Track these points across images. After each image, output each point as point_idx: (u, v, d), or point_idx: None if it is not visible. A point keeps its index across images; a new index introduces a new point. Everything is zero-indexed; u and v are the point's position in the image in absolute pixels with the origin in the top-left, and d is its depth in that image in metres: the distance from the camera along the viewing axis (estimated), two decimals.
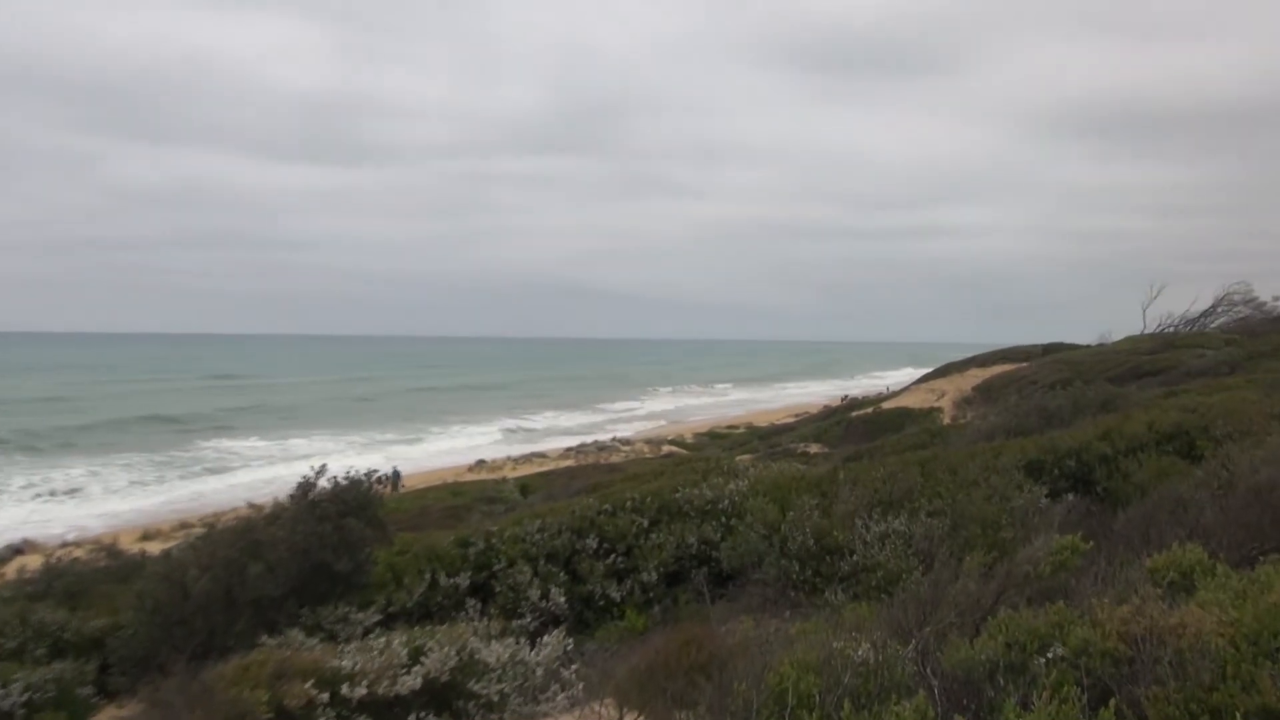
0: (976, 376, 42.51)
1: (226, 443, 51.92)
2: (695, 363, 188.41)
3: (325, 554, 9.94)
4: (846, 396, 67.59)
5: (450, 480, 33.42)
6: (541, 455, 44.65)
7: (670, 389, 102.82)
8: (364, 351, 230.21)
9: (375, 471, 11.33)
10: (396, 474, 32.87)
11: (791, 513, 10.75)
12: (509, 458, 43.77)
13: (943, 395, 39.44)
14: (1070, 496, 10.86)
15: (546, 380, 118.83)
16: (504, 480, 29.83)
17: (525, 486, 26.85)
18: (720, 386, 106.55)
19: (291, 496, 10.61)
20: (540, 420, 68.39)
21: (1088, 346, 47.33)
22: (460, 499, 24.37)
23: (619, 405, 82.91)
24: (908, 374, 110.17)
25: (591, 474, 26.57)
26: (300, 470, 11.14)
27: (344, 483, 10.61)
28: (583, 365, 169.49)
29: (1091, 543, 6.51)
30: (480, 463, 42.41)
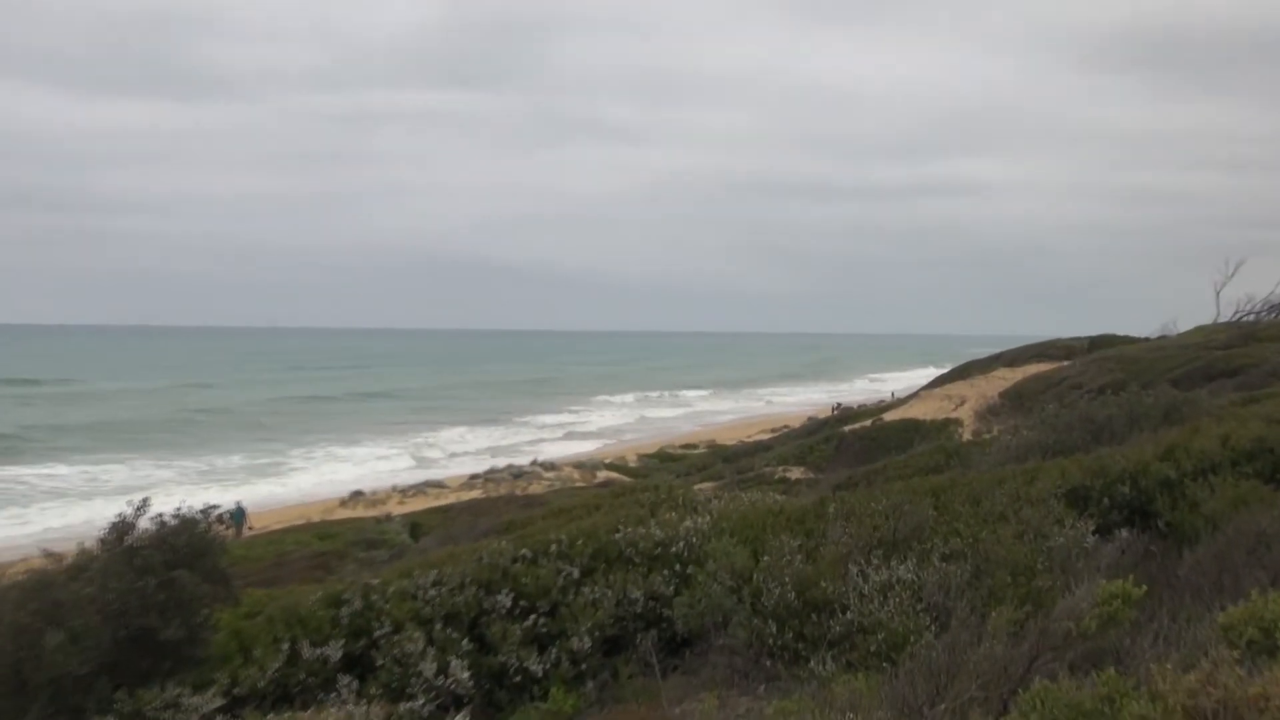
0: (1004, 379, 43.27)
1: (15, 470, 50.98)
2: (650, 362, 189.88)
3: (148, 617, 9.75)
4: (839, 406, 69.39)
5: (318, 519, 33.15)
6: (439, 485, 44.55)
7: (617, 397, 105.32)
8: (210, 349, 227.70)
9: (216, 508, 11.13)
10: (241, 511, 32.68)
11: (766, 557, 10.78)
12: (396, 488, 43.60)
13: (961, 403, 40.20)
14: (1123, 532, 10.98)
15: (455, 386, 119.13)
16: (388, 518, 29.70)
17: (417, 526, 26.73)
18: (683, 394, 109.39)
19: (102, 542, 10.33)
20: (442, 439, 68.39)
21: (1145, 340, 48.50)
22: (330, 543, 24.17)
23: (547, 419, 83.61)
24: (917, 376, 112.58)
25: (505, 509, 26.53)
26: (115, 508, 10.92)
27: (173, 523, 10.40)
28: (506, 366, 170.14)
29: (1150, 591, 6.58)
30: (357, 495, 42.16)
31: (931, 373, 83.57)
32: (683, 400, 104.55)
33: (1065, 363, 43.88)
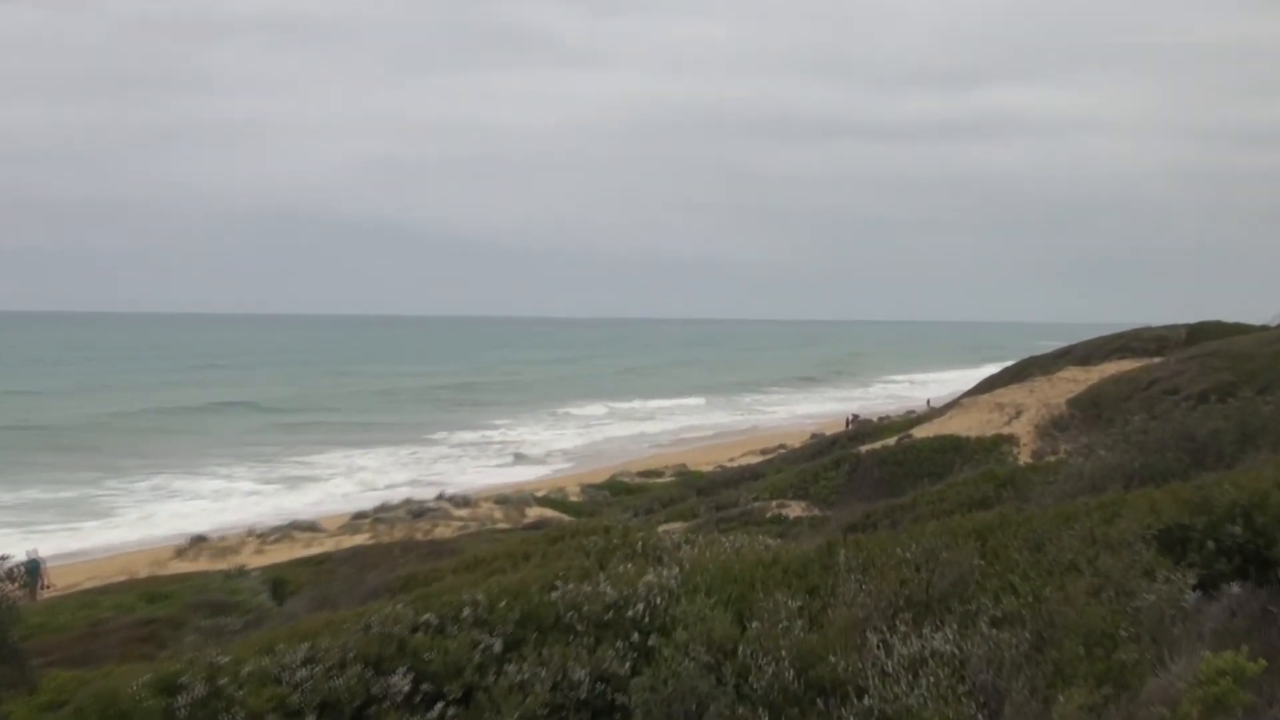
0: (1074, 381, 43.49)
1: None
2: (615, 359, 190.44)
3: None
4: (855, 417, 70.33)
5: (146, 574, 32.88)
6: (312, 527, 44.33)
7: (573, 407, 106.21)
8: (11, 341, 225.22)
9: (3, 559, 11.03)
10: (36, 564, 32.31)
11: (756, 623, 10.75)
12: (253, 532, 43.36)
13: (1017, 414, 40.44)
14: (1234, 587, 10.81)
15: (342, 394, 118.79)
16: (242, 572, 29.45)
17: (281, 582, 26.53)
18: (655, 404, 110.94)
19: None
20: (319, 464, 68.15)
21: (1261, 329, 48.73)
22: (162, 606, 23.99)
23: (468, 436, 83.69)
24: (959, 378, 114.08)
25: (402, 559, 26.47)
26: None
27: None
28: (408, 366, 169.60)
29: (1271, 666, 6.63)
30: (200, 541, 41.88)
31: (977, 374, 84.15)
32: (657, 412, 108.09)
33: (1155, 360, 44.04)
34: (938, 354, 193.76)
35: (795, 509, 34.96)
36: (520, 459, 74.01)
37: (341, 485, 61.10)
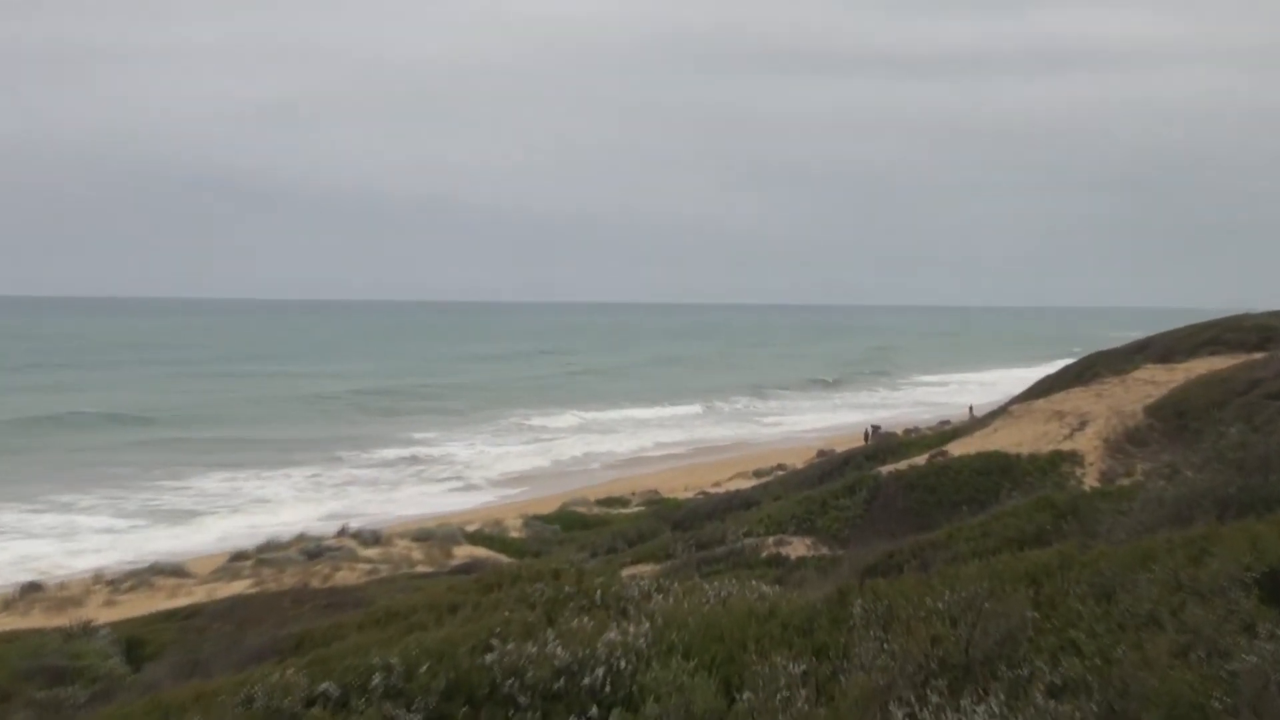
0: (1153, 383, 43.59)
1: None
2: (573, 359, 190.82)
3: None
4: (875, 429, 70.90)
5: None
6: (178, 572, 44.06)
7: (523, 418, 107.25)
8: None
9: None
10: None
11: (748, 694, 10.76)
12: (102, 577, 43.04)
13: (1081, 425, 40.42)
14: None
15: (229, 402, 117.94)
16: (88, 629, 29.14)
17: (138, 643, 26.31)
18: (634, 413, 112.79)
19: None
20: (189, 491, 67.89)
21: None
22: None
23: (388, 454, 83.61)
24: (1009, 379, 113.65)
25: (293, 611, 26.29)
26: None
27: None
28: (332, 365, 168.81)
29: None
30: (34, 590, 41.57)
31: (1031, 374, 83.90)
32: (636, 424, 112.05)
33: (1256, 356, 44.00)
34: (982, 348, 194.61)
35: (798, 547, 34.90)
36: (454, 483, 73.71)
37: (219, 519, 60.67)
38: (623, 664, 11.87)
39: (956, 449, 41.65)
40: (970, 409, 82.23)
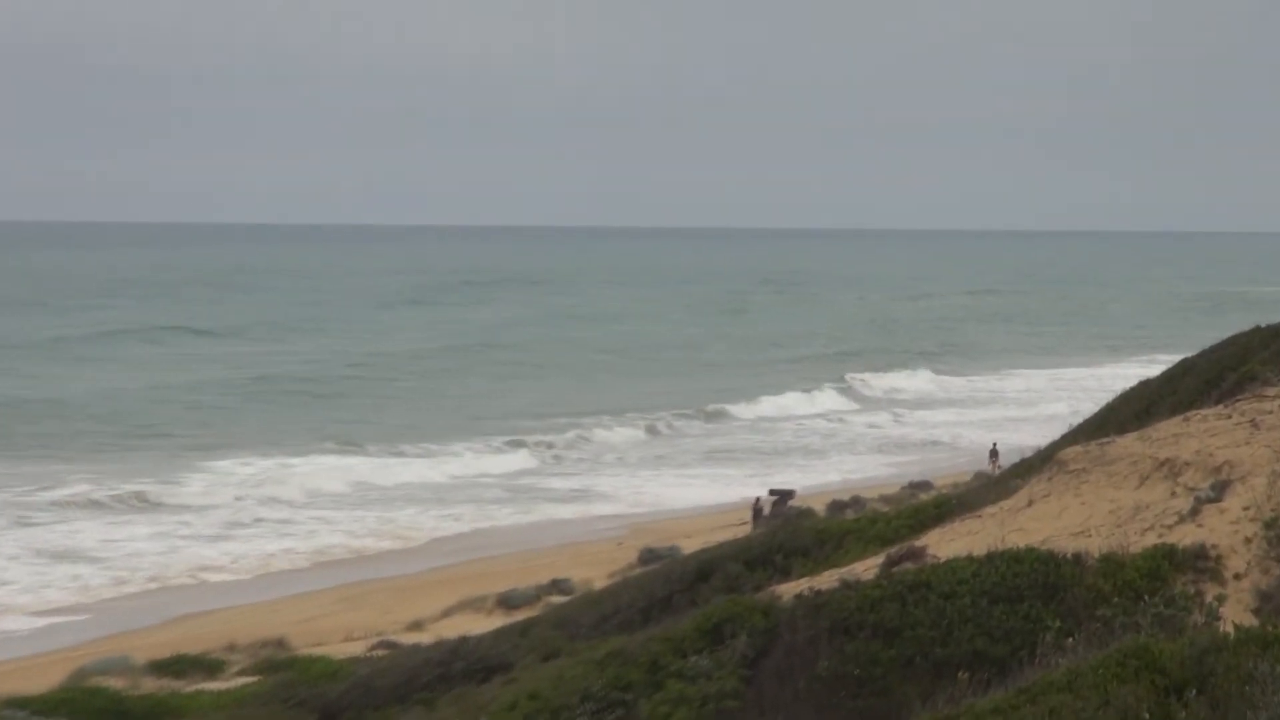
0: None
1: None
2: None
3: None
4: (784, 496, 57.41)
5: None
6: None
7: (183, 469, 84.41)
8: None
9: None
10: None
11: None
12: None
13: (1219, 488, 27.51)
14: None
15: None
16: None
17: None
18: (347, 468, 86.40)
19: None
20: None
21: None
22: None
23: None
24: (1074, 388, 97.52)
25: None
26: None
27: None
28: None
29: None
30: None
31: (1117, 375, 69.88)
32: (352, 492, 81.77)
33: None
34: (1030, 323, 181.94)
35: None
36: None
37: None
38: None
39: (945, 543, 27.83)
40: (993, 455, 63.41)
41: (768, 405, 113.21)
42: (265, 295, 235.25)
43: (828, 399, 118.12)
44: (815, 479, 76.40)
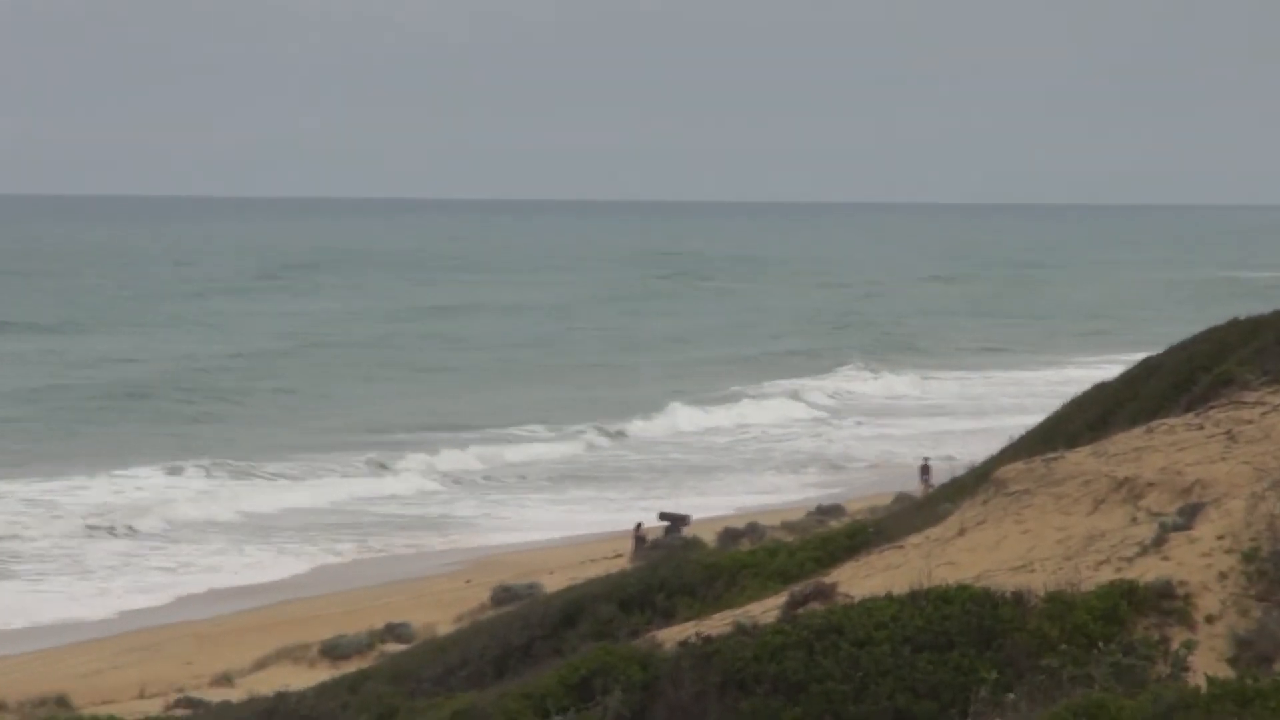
0: None
1: None
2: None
3: None
4: (679, 520, 54.74)
5: None
6: None
7: None
8: None
9: None
10: None
11: None
12: None
13: (1188, 516, 26.13)
14: None
15: None
16: None
17: None
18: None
19: None
20: None
21: None
22: None
23: None
24: (1031, 391, 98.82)
25: None
26: None
27: None
28: None
29: None
30: None
31: (1084, 376, 66.48)
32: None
33: None
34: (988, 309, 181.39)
35: None
36: None
37: None
38: None
39: (860, 580, 26.17)
40: (924, 470, 59.77)
41: (666, 416, 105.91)
42: (70, 281, 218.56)
43: (742, 408, 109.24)
44: (719, 501, 72.48)
